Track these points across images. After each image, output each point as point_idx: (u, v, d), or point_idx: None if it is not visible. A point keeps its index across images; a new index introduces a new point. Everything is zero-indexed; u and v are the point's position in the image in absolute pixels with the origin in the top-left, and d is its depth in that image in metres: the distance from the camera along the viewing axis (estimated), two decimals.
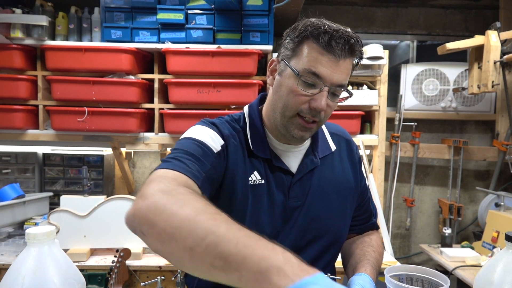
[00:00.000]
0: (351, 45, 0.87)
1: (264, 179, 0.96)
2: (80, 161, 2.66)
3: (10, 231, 2.36)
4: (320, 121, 0.93)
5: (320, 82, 0.88)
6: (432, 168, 3.12)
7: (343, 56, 0.87)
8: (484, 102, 2.95)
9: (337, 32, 0.86)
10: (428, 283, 0.92)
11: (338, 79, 0.88)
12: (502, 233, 2.21)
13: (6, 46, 2.24)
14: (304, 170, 1.00)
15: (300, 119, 0.91)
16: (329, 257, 1.05)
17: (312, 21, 0.90)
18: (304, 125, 0.92)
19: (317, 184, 1.02)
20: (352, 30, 0.91)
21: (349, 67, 0.90)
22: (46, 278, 0.75)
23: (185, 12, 2.30)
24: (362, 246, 1.09)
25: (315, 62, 0.87)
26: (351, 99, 2.31)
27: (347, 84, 0.95)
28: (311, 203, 1.00)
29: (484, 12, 3.03)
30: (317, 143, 1.04)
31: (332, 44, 0.85)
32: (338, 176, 1.06)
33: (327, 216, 1.02)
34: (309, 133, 0.95)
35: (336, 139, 1.10)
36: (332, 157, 1.06)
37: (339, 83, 0.89)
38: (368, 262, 1.00)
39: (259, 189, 0.95)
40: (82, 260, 1.98)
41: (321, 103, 0.88)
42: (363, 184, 1.14)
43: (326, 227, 1.02)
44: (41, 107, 2.34)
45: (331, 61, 0.87)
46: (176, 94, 2.31)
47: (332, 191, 1.03)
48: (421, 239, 3.13)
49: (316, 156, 1.02)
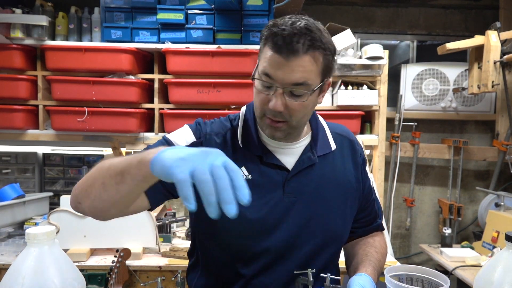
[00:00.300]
0: (304, 41, 0.85)
1: (252, 175, 0.98)
2: (80, 161, 2.66)
3: (10, 231, 2.36)
4: (290, 121, 0.93)
5: (274, 83, 0.89)
6: (432, 168, 3.12)
7: (294, 55, 0.85)
8: (484, 102, 2.95)
9: (285, 31, 0.85)
10: (428, 283, 0.92)
11: (291, 79, 0.87)
12: (502, 233, 2.21)
13: (6, 46, 2.23)
14: (300, 167, 1.00)
15: (267, 119, 0.93)
16: (327, 256, 1.04)
17: (270, 23, 0.90)
18: (272, 125, 0.93)
19: (315, 182, 1.01)
20: (352, 30, 0.91)
21: (307, 64, 0.87)
22: (46, 278, 0.75)
23: (185, 12, 2.30)
24: (364, 247, 1.09)
25: (267, 63, 0.88)
26: (351, 99, 2.34)
27: (322, 80, 0.92)
28: (308, 200, 1.00)
29: (484, 12, 3.03)
30: (317, 141, 1.04)
31: (280, 44, 0.85)
32: (338, 175, 1.05)
33: (324, 214, 1.01)
34: (281, 133, 0.95)
35: (339, 139, 1.09)
36: (332, 156, 1.06)
37: (292, 83, 0.88)
38: (370, 262, 1.00)
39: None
40: (82, 260, 1.98)
41: (273, 104, 0.89)
42: (368, 186, 1.12)
43: (322, 225, 1.01)
44: (41, 107, 2.34)
45: (281, 61, 0.86)
46: (176, 94, 2.31)
47: (331, 190, 1.03)
48: (421, 239, 3.13)
49: (314, 154, 1.02)
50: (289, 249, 0.99)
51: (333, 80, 2.43)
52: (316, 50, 0.87)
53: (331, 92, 2.47)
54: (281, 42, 0.85)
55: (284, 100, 0.90)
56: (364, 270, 0.95)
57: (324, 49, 0.88)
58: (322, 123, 1.09)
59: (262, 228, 0.97)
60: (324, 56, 0.89)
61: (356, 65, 2.36)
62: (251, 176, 0.98)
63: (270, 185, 0.98)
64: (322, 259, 1.03)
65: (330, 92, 2.47)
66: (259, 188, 0.97)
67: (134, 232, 2.02)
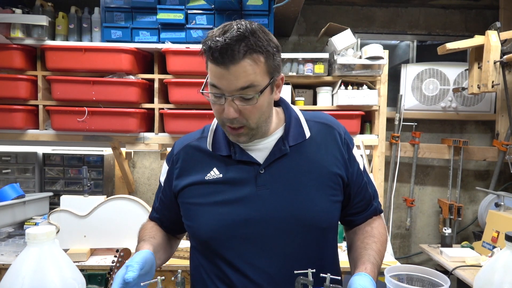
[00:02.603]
0: (234, 50, 0.87)
1: (223, 174, 1.03)
2: (80, 161, 2.66)
3: (10, 231, 2.36)
4: (248, 125, 0.96)
5: (222, 92, 0.92)
6: (432, 168, 3.13)
7: (233, 63, 0.88)
8: (484, 102, 2.95)
9: (218, 42, 0.88)
10: (428, 283, 0.92)
11: (236, 85, 0.90)
12: (502, 233, 2.22)
13: (6, 46, 2.24)
14: (271, 159, 1.02)
15: (227, 126, 0.98)
16: (312, 246, 1.02)
17: (206, 36, 0.94)
18: (232, 132, 0.98)
19: (289, 172, 1.02)
20: (352, 30, 0.92)
21: (248, 68, 0.89)
22: (46, 278, 0.75)
23: (185, 12, 2.30)
24: (363, 238, 1.07)
25: (212, 75, 0.93)
26: (351, 99, 2.34)
27: (271, 78, 0.94)
28: (282, 190, 1.00)
29: (484, 12, 3.03)
30: (288, 132, 1.05)
31: (216, 56, 0.88)
32: (314, 162, 1.04)
33: (300, 202, 1.01)
34: (244, 137, 0.99)
35: (315, 126, 1.08)
36: (307, 144, 1.05)
37: (238, 88, 0.90)
38: (368, 258, 0.98)
39: (217, 183, 1.03)
40: (82, 260, 1.98)
41: (226, 112, 0.93)
42: (357, 169, 1.09)
43: (298, 213, 1.00)
44: (41, 107, 2.34)
45: (222, 71, 0.90)
46: (176, 94, 2.31)
47: (307, 178, 1.02)
48: (421, 239, 3.13)
49: (285, 145, 1.03)
50: (268, 240, 1.00)
51: (333, 80, 2.43)
52: (253, 53, 0.89)
53: (331, 92, 2.47)
54: (217, 54, 0.88)
55: (236, 106, 0.93)
56: (364, 269, 0.94)
57: (261, 51, 0.90)
58: (297, 114, 1.10)
59: (235, 221, 1.00)
60: (266, 56, 0.91)
61: (356, 65, 2.36)
62: (222, 175, 1.03)
63: (242, 180, 1.01)
64: (306, 249, 1.02)
65: (330, 92, 2.47)
66: (231, 184, 1.02)
67: (134, 232, 2.00)
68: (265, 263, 0.99)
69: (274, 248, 1.00)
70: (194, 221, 1.05)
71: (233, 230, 1.00)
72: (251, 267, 0.99)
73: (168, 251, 1.17)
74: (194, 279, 1.11)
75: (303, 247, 1.01)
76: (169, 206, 1.14)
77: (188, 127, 2.26)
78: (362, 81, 2.43)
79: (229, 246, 1.00)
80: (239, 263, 1.00)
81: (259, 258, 0.99)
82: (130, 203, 2.06)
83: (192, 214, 1.05)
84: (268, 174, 1.01)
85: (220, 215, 1.00)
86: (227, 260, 1.01)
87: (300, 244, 1.01)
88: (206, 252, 1.05)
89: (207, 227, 1.01)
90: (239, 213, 1.00)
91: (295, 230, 1.00)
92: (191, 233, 1.08)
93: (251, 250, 1.00)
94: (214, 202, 1.02)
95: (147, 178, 3.01)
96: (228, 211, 1.00)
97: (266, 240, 1.00)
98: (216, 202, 1.02)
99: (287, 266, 0.99)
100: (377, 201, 1.17)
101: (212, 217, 1.01)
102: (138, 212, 2.04)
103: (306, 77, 2.42)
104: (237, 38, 0.88)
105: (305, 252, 1.02)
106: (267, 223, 0.99)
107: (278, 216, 1.00)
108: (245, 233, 0.99)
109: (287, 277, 0.98)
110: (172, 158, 1.11)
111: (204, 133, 1.11)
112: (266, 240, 1.00)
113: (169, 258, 1.18)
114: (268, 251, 1.00)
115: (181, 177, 1.08)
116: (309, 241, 1.02)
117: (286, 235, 1.00)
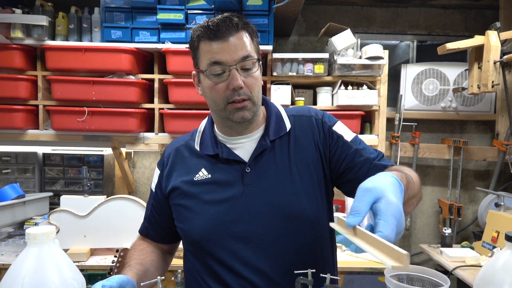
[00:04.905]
0: (231, 23, 0.96)
1: (211, 174, 1.05)
2: (80, 161, 2.66)
3: (10, 231, 2.36)
4: (252, 98, 1.00)
5: (225, 66, 0.97)
6: (432, 168, 3.13)
7: (229, 34, 0.96)
8: (484, 102, 2.95)
9: (215, 21, 0.97)
10: (428, 283, 0.92)
11: (238, 55, 0.96)
12: (502, 233, 2.22)
13: (6, 46, 2.24)
14: (254, 155, 1.04)
15: (231, 105, 0.99)
16: (305, 242, 1.02)
17: (196, 26, 1.02)
18: (237, 107, 0.99)
19: (273, 167, 1.03)
20: (352, 30, 0.93)
21: (243, 39, 0.98)
22: (46, 278, 0.75)
23: (185, 12, 2.30)
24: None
25: (211, 54, 0.97)
26: (351, 99, 2.33)
27: (258, 53, 1.03)
28: (268, 187, 1.01)
29: (484, 12, 3.03)
30: (269, 127, 1.07)
31: (215, 30, 0.96)
32: (297, 153, 1.05)
33: (286, 196, 1.01)
34: (248, 112, 1.00)
35: (296, 119, 1.10)
36: (288, 137, 1.07)
37: (240, 57, 0.97)
38: (393, 168, 0.98)
39: (206, 183, 1.05)
40: (82, 260, 1.98)
41: (235, 82, 0.96)
42: (342, 143, 1.06)
43: (286, 210, 1.00)
44: (41, 107, 2.34)
45: (222, 44, 0.96)
46: (176, 94, 2.31)
47: (291, 171, 1.03)
48: (421, 239, 3.13)
49: (266, 140, 1.05)
50: (259, 237, 1.00)
51: (333, 80, 2.43)
52: (245, 30, 0.99)
53: (331, 92, 2.47)
54: (216, 28, 0.95)
55: (240, 76, 0.97)
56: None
57: (251, 31, 1.01)
58: (278, 109, 1.12)
59: (225, 221, 1.00)
60: (254, 36, 1.02)
61: (356, 65, 2.36)
62: (210, 175, 1.05)
63: (230, 180, 1.03)
64: (298, 243, 1.01)
65: (330, 92, 2.47)
66: (219, 184, 1.03)
67: (134, 232, 2.01)
68: (258, 260, 1.00)
69: (266, 245, 1.00)
70: (185, 222, 1.06)
71: (224, 229, 1.01)
72: (244, 266, 1.00)
73: (159, 272, 1.13)
74: (189, 283, 1.11)
75: (295, 242, 1.02)
76: (161, 211, 1.16)
77: (188, 127, 2.26)
78: (362, 81, 2.43)
79: (222, 245, 1.01)
80: (232, 262, 1.00)
81: (251, 256, 1.00)
82: (130, 203, 2.06)
83: (184, 216, 1.06)
84: (253, 173, 1.03)
85: (210, 215, 1.02)
86: (220, 260, 1.01)
87: (292, 239, 1.01)
88: (199, 253, 1.05)
89: (199, 228, 1.03)
90: (229, 212, 1.01)
91: (284, 225, 1.01)
92: (183, 235, 1.09)
93: (243, 249, 1.00)
94: (204, 202, 1.03)
95: (147, 178, 3.01)
96: (218, 211, 1.02)
97: (258, 238, 1.00)
98: (206, 202, 1.03)
99: (280, 262, 1.00)
100: (382, 159, 1.06)
101: (203, 217, 1.03)
102: (138, 212, 2.04)
103: (306, 77, 2.42)
104: (230, 16, 0.98)
105: (297, 246, 1.02)
106: (257, 220, 1.00)
107: (267, 213, 1.00)
108: (236, 232, 1.00)
109: (281, 273, 0.99)
110: (163, 162, 1.15)
111: (193, 135, 1.16)
112: (257, 238, 1.00)
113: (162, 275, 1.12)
114: (260, 248, 1.00)
115: (171, 178, 1.10)
116: (300, 236, 1.02)
117: (277, 231, 1.01)
